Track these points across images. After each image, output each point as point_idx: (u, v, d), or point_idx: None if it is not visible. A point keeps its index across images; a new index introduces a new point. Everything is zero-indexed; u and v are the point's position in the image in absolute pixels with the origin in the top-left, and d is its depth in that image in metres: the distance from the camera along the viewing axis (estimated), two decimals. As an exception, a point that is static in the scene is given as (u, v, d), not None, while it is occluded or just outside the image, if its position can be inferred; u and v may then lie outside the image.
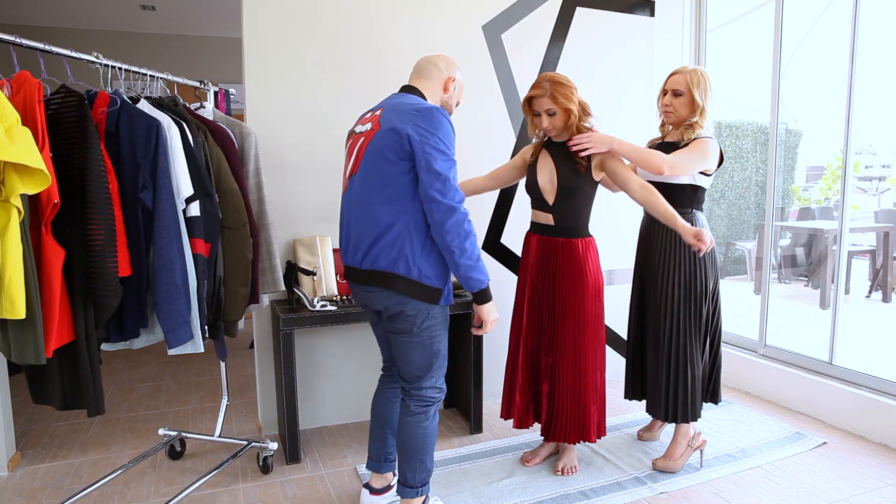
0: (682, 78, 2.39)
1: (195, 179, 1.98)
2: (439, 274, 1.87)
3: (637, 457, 2.60)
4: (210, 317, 2.10)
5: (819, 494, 2.29)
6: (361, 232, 1.88)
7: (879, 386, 2.79)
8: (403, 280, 1.83)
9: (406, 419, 1.99)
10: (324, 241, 2.79)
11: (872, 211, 5.63)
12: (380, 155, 1.82)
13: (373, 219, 1.84)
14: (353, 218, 1.92)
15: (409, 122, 1.79)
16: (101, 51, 2.07)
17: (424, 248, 1.83)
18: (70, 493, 2.28)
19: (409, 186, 1.81)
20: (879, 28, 3.49)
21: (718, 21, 3.82)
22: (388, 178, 1.81)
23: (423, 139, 1.76)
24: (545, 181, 2.33)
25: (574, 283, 2.31)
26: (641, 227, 2.58)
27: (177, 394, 3.43)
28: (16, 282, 1.47)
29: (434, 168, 1.75)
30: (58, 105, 1.73)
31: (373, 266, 1.85)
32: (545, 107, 2.24)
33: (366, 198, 1.86)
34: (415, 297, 1.85)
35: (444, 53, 2.11)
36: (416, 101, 1.88)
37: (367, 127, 1.91)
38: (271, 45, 2.71)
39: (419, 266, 1.83)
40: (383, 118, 1.86)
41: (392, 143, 1.79)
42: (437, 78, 2.00)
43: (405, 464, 2.00)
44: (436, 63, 2.02)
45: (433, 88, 1.99)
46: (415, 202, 1.81)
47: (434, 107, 1.84)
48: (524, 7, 3.16)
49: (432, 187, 1.76)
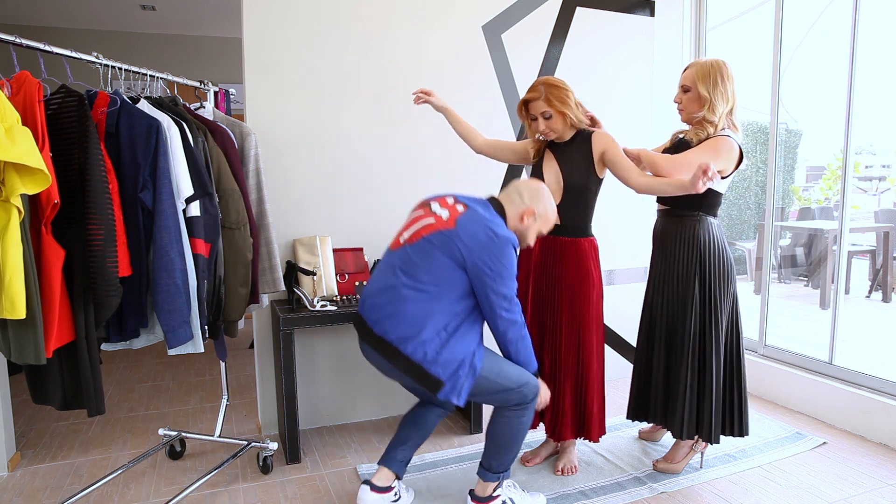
0: (689, 72, 2.26)
1: (195, 179, 1.98)
2: (449, 364, 1.88)
3: (637, 457, 2.60)
4: (210, 317, 2.10)
5: (819, 494, 2.29)
6: (386, 301, 1.95)
7: (879, 386, 2.79)
8: (405, 358, 1.89)
9: (505, 414, 2.04)
10: (324, 241, 2.79)
11: (872, 211, 5.63)
12: (440, 251, 1.90)
13: (399, 299, 1.91)
14: (384, 281, 1.98)
15: (483, 246, 1.88)
16: (101, 51, 2.07)
17: (439, 336, 1.89)
18: (70, 493, 2.28)
19: (445, 286, 1.90)
20: (879, 28, 3.49)
21: (718, 20, 3.82)
22: (433, 274, 1.90)
23: (493, 268, 1.88)
24: (550, 181, 2.34)
25: (578, 283, 2.31)
26: (655, 230, 2.45)
27: (177, 394, 3.43)
28: (16, 282, 1.47)
29: (501, 291, 1.91)
30: (58, 105, 1.73)
31: (383, 336, 1.93)
32: (541, 110, 2.24)
33: (405, 276, 1.93)
34: (417, 381, 1.91)
35: (529, 182, 2.12)
36: (494, 223, 1.93)
37: (445, 214, 1.96)
38: (271, 45, 2.71)
39: (426, 351, 1.88)
40: (461, 221, 1.92)
41: (456, 253, 1.89)
42: (518, 206, 2.05)
43: (495, 453, 2.06)
44: (521, 192, 2.07)
45: (512, 214, 2.05)
46: (442, 301, 1.90)
47: (508, 238, 1.92)
48: (524, 7, 3.16)
49: (500, 307, 1.93)
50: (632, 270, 3.51)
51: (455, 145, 3.02)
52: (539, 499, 2.21)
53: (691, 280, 2.29)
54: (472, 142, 2.55)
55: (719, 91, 2.21)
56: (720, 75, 2.21)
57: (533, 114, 2.28)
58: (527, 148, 2.44)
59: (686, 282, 2.30)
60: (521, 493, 2.18)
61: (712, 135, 2.21)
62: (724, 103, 2.22)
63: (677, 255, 2.33)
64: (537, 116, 2.26)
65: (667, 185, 2.14)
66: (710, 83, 2.21)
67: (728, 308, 2.33)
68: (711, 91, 2.20)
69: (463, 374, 1.90)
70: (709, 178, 1.91)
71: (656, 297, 2.41)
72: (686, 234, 2.31)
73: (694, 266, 2.29)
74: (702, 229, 2.29)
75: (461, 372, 1.89)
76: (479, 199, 2.04)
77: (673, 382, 2.35)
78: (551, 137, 2.31)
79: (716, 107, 2.21)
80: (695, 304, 2.29)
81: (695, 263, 2.29)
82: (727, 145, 2.19)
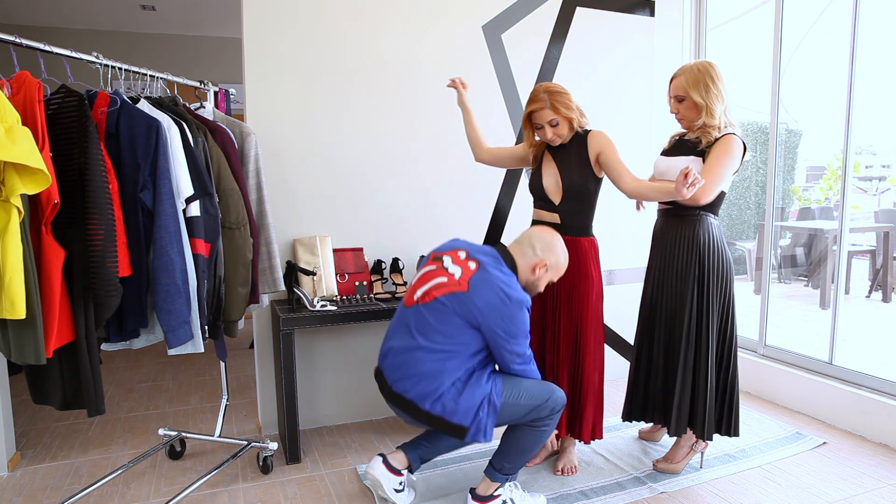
0: (679, 82, 2.27)
1: (195, 179, 1.98)
2: (469, 411, 1.95)
3: (637, 457, 2.60)
4: (210, 317, 2.10)
5: (819, 494, 2.29)
6: (402, 361, 2.00)
7: (879, 386, 2.79)
8: (426, 414, 1.96)
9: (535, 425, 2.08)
10: (324, 241, 2.79)
11: (872, 211, 5.63)
12: (454, 313, 1.95)
13: (414, 361, 1.97)
14: (401, 342, 2.03)
15: (497, 310, 1.92)
16: (101, 51, 2.07)
17: (454, 387, 1.95)
18: (70, 493, 2.28)
19: (460, 345, 1.95)
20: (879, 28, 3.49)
21: (718, 20, 3.82)
22: (448, 334, 1.95)
23: (507, 331, 1.94)
24: (550, 182, 2.34)
25: (579, 283, 2.31)
26: (655, 229, 2.46)
27: (177, 394, 3.43)
28: (16, 282, 1.47)
29: (515, 350, 1.98)
30: (58, 105, 1.73)
31: (402, 394, 1.99)
32: (547, 118, 2.24)
33: (420, 336, 1.98)
34: (442, 431, 1.99)
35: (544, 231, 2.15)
36: (507, 284, 1.96)
37: (457, 273, 1.99)
38: (271, 45, 2.71)
39: (445, 403, 1.93)
40: (474, 282, 1.95)
41: (470, 316, 1.94)
42: (530, 258, 2.08)
43: (511, 456, 2.09)
44: (533, 243, 2.09)
45: (524, 266, 2.08)
46: (458, 358, 1.95)
47: (521, 302, 1.95)
48: (524, 7, 3.16)
49: (514, 363, 2.01)
50: (632, 270, 3.51)
51: (454, 145, 3.02)
52: (539, 499, 2.21)
53: (690, 278, 2.30)
54: (477, 151, 2.57)
55: (713, 94, 2.21)
56: (710, 78, 2.22)
57: (539, 123, 2.27)
58: (527, 151, 2.44)
59: (685, 280, 2.31)
60: (522, 493, 2.19)
61: (717, 136, 2.22)
62: (720, 104, 2.23)
63: (677, 254, 2.33)
64: (544, 125, 2.26)
65: (655, 192, 2.18)
66: (703, 88, 2.21)
67: (724, 307, 2.33)
68: (705, 96, 2.21)
69: (483, 414, 1.96)
70: (691, 183, 1.93)
71: (655, 295, 2.42)
72: (686, 232, 2.31)
73: (693, 265, 2.30)
74: (702, 228, 2.29)
75: (481, 413, 1.96)
76: (490, 251, 2.06)
77: (670, 379, 2.36)
78: (557, 143, 2.31)
79: (713, 110, 2.22)
80: (692, 302, 2.29)
81: (694, 262, 2.29)
82: (736, 145, 2.21)
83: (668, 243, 2.36)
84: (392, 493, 2.14)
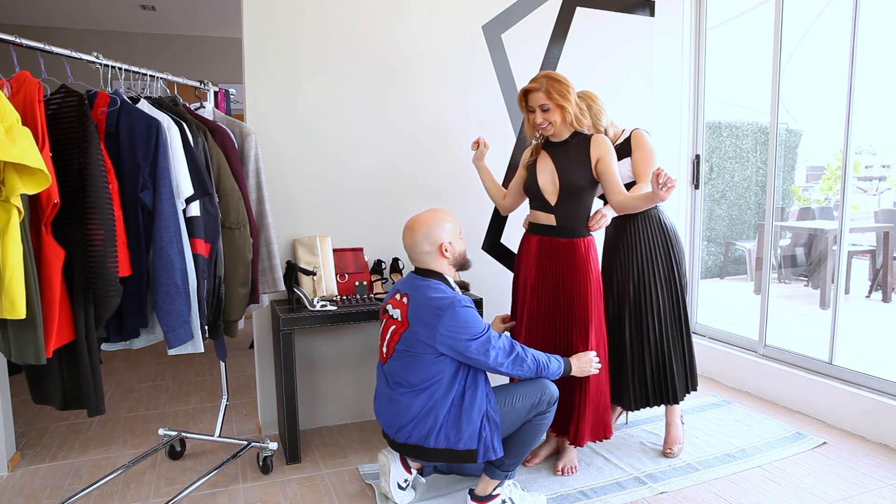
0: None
1: (195, 179, 1.98)
2: (472, 434, 1.98)
3: (637, 457, 2.60)
4: (210, 317, 2.10)
5: (819, 494, 2.29)
6: (393, 416, 2.06)
7: (879, 386, 2.79)
8: (433, 451, 2.00)
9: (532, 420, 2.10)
10: (324, 241, 2.79)
11: (872, 211, 5.63)
12: (413, 352, 2.00)
13: (404, 408, 2.01)
14: (386, 395, 2.09)
15: (437, 326, 1.94)
16: (101, 51, 2.07)
17: (450, 414, 1.99)
18: (70, 493, 2.28)
19: (437, 373, 1.98)
20: (879, 28, 3.49)
21: (718, 20, 3.82)
22: (420, 374, 1.99)
23: (455, 340, 1.94)
24: (546, 182, 2.33)
25: (578, 284, 2.31)
26: (608, 230, 2.61)
27: (177, 394, 3.43)
28: (16, 282, 1.47)
29: (474, 357, 1.96)
30: (58, 105, 1.73)
31: (406, 441, 2.03)
32: (539, 101, 2.24)
33: (399, 387, 2.04)
34: (453, 462, 2.04)
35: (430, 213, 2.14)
36: (434, 294, 1.99)
37: (398, 314, 2.07)
38: (271, 45, 2.71)
39: (447, 434, 1.96)
40: (411, 315, 2.01)
41: (424, 346, 1.97)
42: (432, 253, 2.09)
43: (507, 453, 2.08)
44: (419, 242, 2.08)
45: (437, 263, 2.09)
46: (440, 388, 1.98)
47: (451, 303, 1.96)
48: (524, 7, 3.16)
49: (484, 365, 1.99)
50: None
51: (454, 145, 3.02)
52: (539, 499, 2.21)
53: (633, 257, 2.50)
54: (498, 202, 2.62)
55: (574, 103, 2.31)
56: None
57: (531, 105, 2.27)
58: (525, 165, 2.45)
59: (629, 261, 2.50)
60: (522, 493, 2.19)
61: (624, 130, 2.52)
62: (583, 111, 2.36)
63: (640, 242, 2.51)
64: (535, 108, 2.26)
65: (638, 201, 2.23)
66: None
67: (668, 287, 2.51)
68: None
69: (486, 433, 1.99)
70: (663, 184, 1.95)
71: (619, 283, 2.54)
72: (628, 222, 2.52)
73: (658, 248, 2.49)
74: (644, 216, 2.50)
75: (484, 433, 1.99)
76: (409, 275, 2.13)
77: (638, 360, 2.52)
78: (549, 132, 2.31)
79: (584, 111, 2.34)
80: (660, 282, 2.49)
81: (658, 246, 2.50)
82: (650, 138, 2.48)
83: (626, 236, 2.53)
84: (394, 487, 2.15)
